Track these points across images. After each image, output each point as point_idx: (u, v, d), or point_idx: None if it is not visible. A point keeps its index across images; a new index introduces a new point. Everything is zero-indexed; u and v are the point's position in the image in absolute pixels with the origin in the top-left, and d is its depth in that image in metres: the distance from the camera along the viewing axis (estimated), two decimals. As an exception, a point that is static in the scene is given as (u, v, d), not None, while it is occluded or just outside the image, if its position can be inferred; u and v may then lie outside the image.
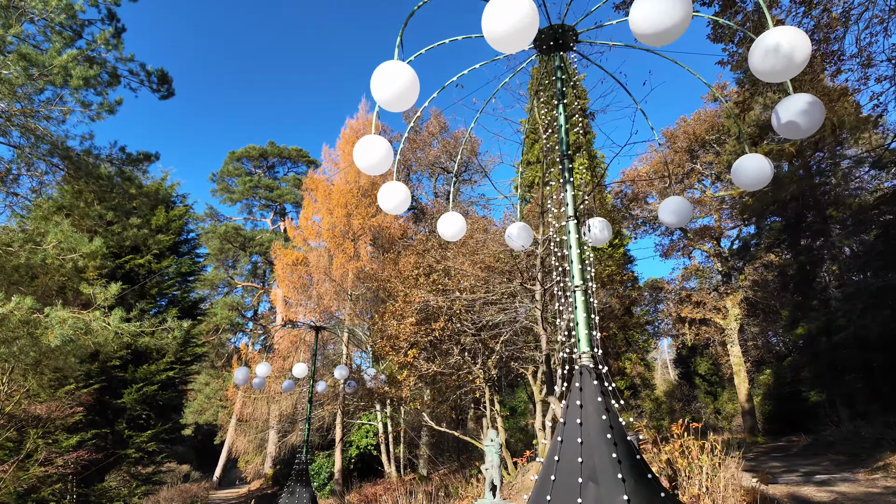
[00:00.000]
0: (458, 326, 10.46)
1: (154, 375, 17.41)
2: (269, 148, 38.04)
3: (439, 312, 10.30)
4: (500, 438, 7.57)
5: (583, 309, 4.05)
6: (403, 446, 23.11)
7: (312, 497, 11.89)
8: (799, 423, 23.34)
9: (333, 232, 18.18)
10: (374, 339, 12.30)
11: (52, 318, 5.66)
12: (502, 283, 9.31)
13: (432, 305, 10.22)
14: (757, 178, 4.47)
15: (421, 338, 10.30)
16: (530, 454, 10.45)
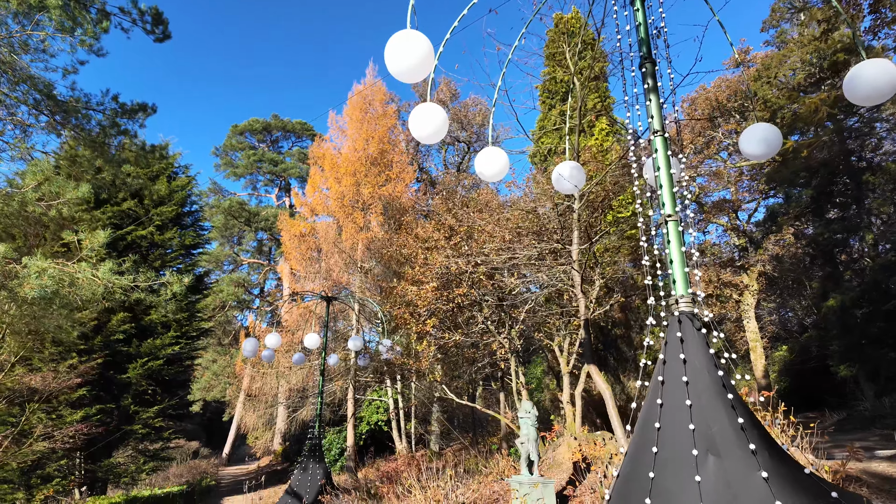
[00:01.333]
0: (482, 293, 9.70)
1: (159, 350, 16.85)
2: (272, 121, 37.00)
3: (461, 278, 9.56)
4: (535, 410, 6.86)
5: (677, 243, 3.26)
6: (415, 422, 22.68)
7: (326, 473, 11.33)
8: (819, 399, 22.68)
9: (342, 201, 17.37)
10: (390, 309, 11.59)
11: (30, 269, 4.96)
12: (530, 244, 8.53)
13: (453, 271, 9.47)
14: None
15: (442, 305, 9.57)
16: (559, 428, 9.79)
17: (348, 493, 10.80)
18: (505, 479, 9.48)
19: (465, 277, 9.53)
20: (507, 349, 9.90)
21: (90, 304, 6.32)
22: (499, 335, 9.82)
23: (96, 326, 15.81)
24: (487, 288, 10.17)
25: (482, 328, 9.91)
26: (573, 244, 7.36)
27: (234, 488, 21.51)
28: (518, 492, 6.18)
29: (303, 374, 18.00)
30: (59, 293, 5.21)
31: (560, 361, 10.63)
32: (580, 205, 7.37)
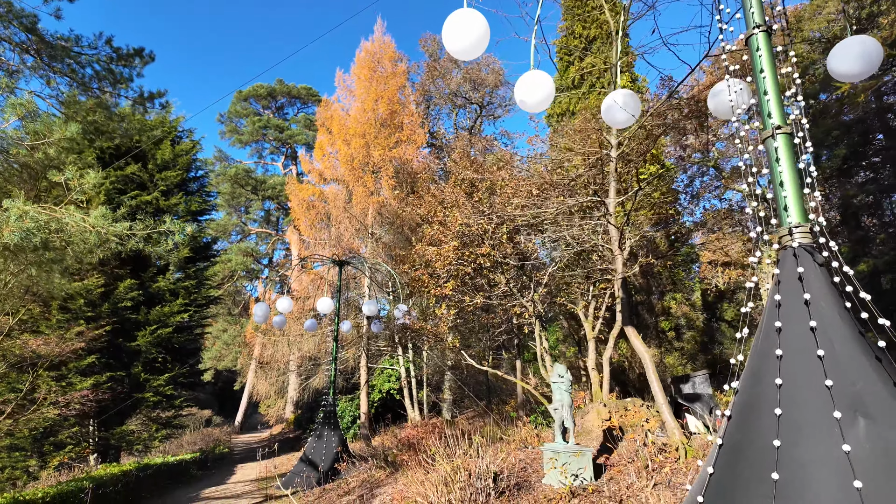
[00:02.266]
0: (503, 254, 9.12)
1: (168, 318, 16.54)
2: (277, 86, 35.97)
3: (482, 238, 8.97)
4: (569, 375, 6.35)
5: (790, 160, 2.63)
6: (427, 390, 22.51)
7: (342, 440, 11.02)
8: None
9: (352, 164, 16.68)
10: (408, 269, 11.06)
11: (10, 212, 4.43)
12: (559, 200, 7.89)
13: (474, 230, 8.87)
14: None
15: (463, 266, 9.00)
16: (585, 395, 9.35)
17: (365, 460, 10.49)
18: (529, 446, 9.08)
19: (486, 237, 8.93)
20: (531, 312, 9.37)
21: (84, 255, 5.79)
22: (522, 297, 9.27)
23: (103, 293, 15.48)
24: (507, 250, 9.58)
25: (505, 290, 9.35)
26: (610, 196, 6.72)
27: (248, 456, 21.55)
28: (556, 460, 5.71)
29: (315, 341, 17.68)
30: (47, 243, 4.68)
31: (585, 326, 10.11)
32: (618, 153, 6.70)
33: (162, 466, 12.46)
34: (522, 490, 5.79)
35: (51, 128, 5.81)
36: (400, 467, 8.94)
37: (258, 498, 9.71)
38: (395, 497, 6.78)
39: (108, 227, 5.18)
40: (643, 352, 6.55)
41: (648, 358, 6.50)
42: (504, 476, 5.86)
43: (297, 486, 9.92)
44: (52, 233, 4.77)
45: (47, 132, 5.80)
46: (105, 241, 5.19)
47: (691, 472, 5.23)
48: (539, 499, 5.35)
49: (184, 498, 10.45)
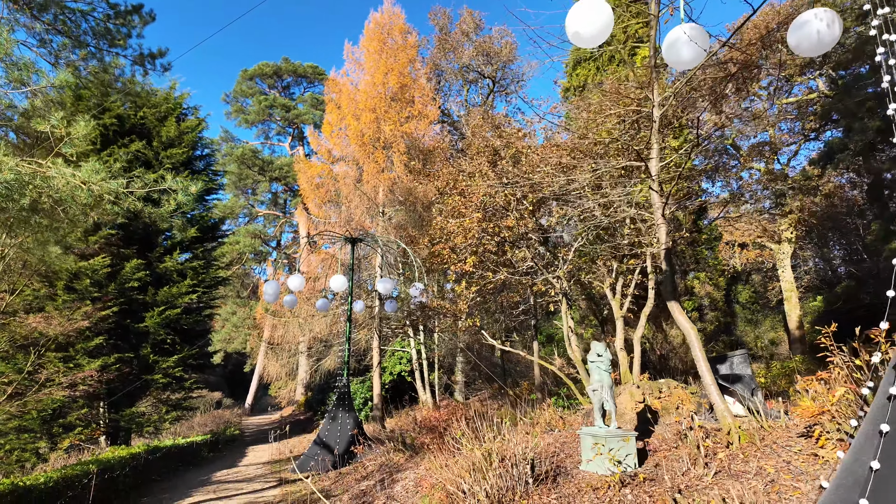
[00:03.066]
0: (527, 228, 8.55)
1: (176, 298, 16.18)
2: (283, 65, 35.18)
3: (507, 209, 8.40)
4: (608, 353, 5.83)
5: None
6: (438, 372, 22.19)
7: (356, 422, 10.62)
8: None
9: (362, 140, 16.07)
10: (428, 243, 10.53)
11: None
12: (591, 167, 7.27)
13: (498, 201, 8.30)
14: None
15: (486, 240, 8.44)
16: (614, 376, 8.85)
17: (381, 443, 10.10)
18: (554, 430, 8.62)
19: (511, 209, 8.36)
20: (558, 289, 8.83)
21: (77, 218, 5.30)
22: (548, 273, 8.72)
23: (109, 274, 15.12)
24: (530, 225, 9.01)
25: (529, 266, 8.79)
26: (652, 159, 6.12)
27: (259, 437, 21.39)
28: (603, 446, 5.22)
29: (326, 322, 17.28)
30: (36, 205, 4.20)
31: (612, 305, 9.56)
32: (660, 112, 6.08)
33: (172, 449, 12.17)
34: (560, 477, 5.32)
35: (35, 72, 5.27)
36: (419, 451, 8.52)
37: (271, 481, 9.36)
38: (420, 483, 6.35)
39: (101, 183, 4.68)
40: (689, 329, 6.01)
41: (695, 335, 5.95)
42: (540, 462, 5.39)
43: (312, 469, 9.57)
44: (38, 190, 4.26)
45: (29, 78, 5.26)
46: (98, 200, 4.70)
47: (751, 460, 4.72)
48: (582, 487, 4.88)
49: (195, 481, 10.14)
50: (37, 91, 5.40)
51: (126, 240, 16.71)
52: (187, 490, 8.88)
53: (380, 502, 6.09)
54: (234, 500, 7.69)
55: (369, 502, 6.20)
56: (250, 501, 7.45)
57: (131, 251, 16.19)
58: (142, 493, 8.97)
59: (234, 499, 7.75)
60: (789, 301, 27.04)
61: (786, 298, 27.66)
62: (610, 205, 7.80)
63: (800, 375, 9.15)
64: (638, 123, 7.31)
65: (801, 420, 5.64)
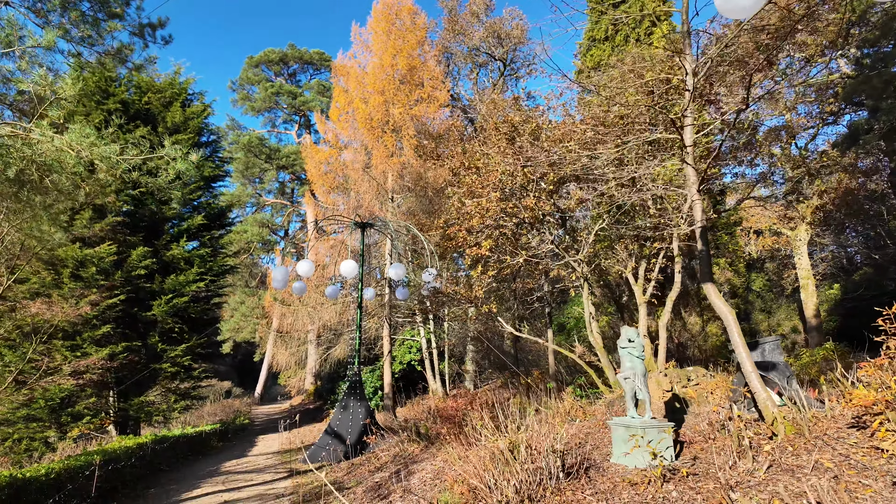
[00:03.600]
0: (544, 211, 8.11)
1: (183, 287, 15.91)
2: (289, 51, 34.69)
3: (526, 188, 7.96)
4: (641, 339, 5.43)
5: None
6: (448, 361, 21.92)
7: (369, 411, 10.32)
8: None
9: (371, 123, 15.64)
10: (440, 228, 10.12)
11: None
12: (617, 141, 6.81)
13: (518, 181, 7.85)
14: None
15: (504, 220, 7.99)
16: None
17: (394, 432, 9.80)
18: (574, 420, 8.26)
19: (530, 188, 7.92)
20: (580, 274, 8.41)
21: (68, 189, 4.94)
22: (569, 258, 8.28)
23: (116, 262, 14.88)
24: (546, 208, 8.56)
25: (549, 249, 8.36)
26: (686, 128, 5.66)
27: (268, 426, 21.25)
28: (642, 437, 4.84)
29: (335, 310, 16.99)
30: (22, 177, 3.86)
31: (634, 290, 9.14)
32: (694, 81, 5.60)
33: (180, 438, 11.95)
34: (591, 471, 4.95)
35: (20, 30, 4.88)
36: (434, 441, 8.19)
37: (282, 472, 9.09)
38: (439, 475, 6.02)
39: (91, 149, 4.31)
40: (727, 312, 5.58)
41: (733, 319, 5.54)
42: (569, 454, 5.02)
43: (323, 459, 9.28)
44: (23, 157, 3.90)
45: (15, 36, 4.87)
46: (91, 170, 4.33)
47: (802, 453, 4.32)
48: (618, 482, 4.51)
49: (203, 471, 9.89)
50: (24, 52, 5.01)
51: (132, 227, 16.45)
52: (195, 481, 8.63)
53: (396, 496, 5.76)
54: (243, 491, 7.41)
55: (385, 496, 5.87)
56: (260, 494, 7.17)
57: (137, 238, 15.93)
58: (149, 483, 8.73)
59: (243, 490, 7.47)
60: (805, 289, 26.40)
61: (802, 286, 27.02)
62: (635, 182, 7.35)
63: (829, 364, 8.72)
64: (667, 94, 6.83)
65: (848, 410, 5.23)
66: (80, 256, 14.23)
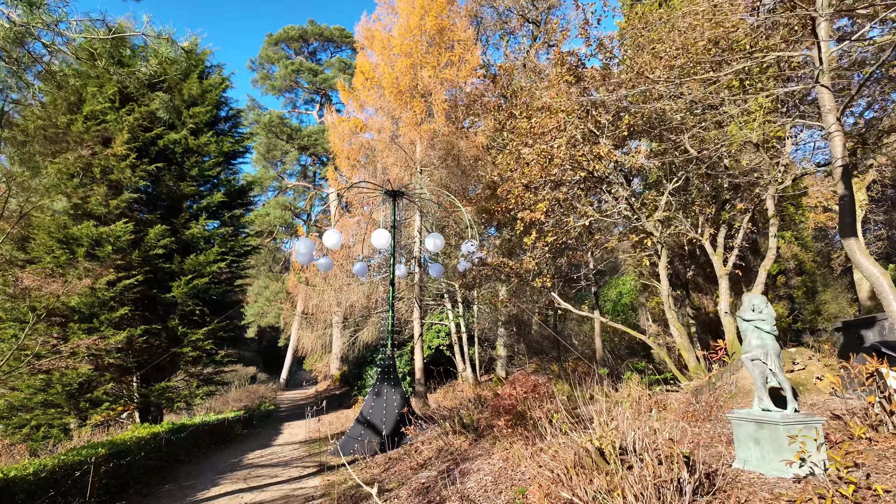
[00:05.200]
0: (615, 158, 6.80)
1: (203, 267, 15.07)
2: (309, 28, 33.55)
3: (597, 134, 6.67)
4: (770, 308, 4.17)
5: None
6: (479, 347, 20.87)
7: (404, 399, 9.26)
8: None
9: (398, 88, 14.43)
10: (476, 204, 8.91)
11: None
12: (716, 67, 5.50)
13: (585, 126, 6.55)
14: None
15: (570, 174, 6.70)
16: (718, 344, 7.19)
17: (432, 422, 8.73)
18: (650, 411, 7.04)
19: (602, 133, 6.59)
20: (657, 239, 7.14)
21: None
22: (645, 220, 7.00)
23: (133, 241, 14.08)
24: (616, 159, 7.24)
25: (617, 211, 7.06)
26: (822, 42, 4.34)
27: (294, 413, 20.55)
28: (784, 437, 3.62)
29: (362, 290, 15.98)
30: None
31: (713, 261, 7.82)
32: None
33: (201, 427, 11.13)
34: (716, 479, 3.76)
35: None
36: (484, 434, 7.08)
37: (309, 466, 8.12)
38: (500, 479, 4.90)
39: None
40: (878, 275, 4.30)
41: (887, 284, 4.24)
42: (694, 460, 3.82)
43: (356, 452, 8.28)
44: None
45: None
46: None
47: None
48: (767, 499, 3.32)
49: (225, 463, 9.01)
50: None
51: (149, 204, 15.66)
52: (215, 476, 7.71)
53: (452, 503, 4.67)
54: (267, 491, 6.44)
55: (437, 502, 4.79)
56: (286, 495, 6.17)
57: (155, 216, 15.12)
58: (165, 477, 7.86)
59: (267, 490, 6.49)
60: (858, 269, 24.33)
61: (855, 266, 24.95)
62: (721, 128, 6.01)
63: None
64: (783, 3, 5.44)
65: None
66: (96, 235, 13.46)
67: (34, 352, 11.44)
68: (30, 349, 12.02)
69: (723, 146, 6.40)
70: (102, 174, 14.17)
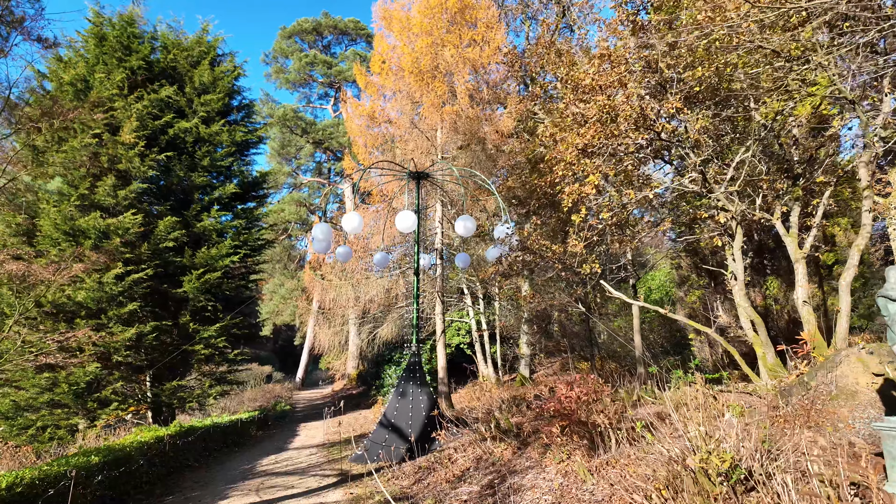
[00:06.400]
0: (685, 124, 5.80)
1: (216, 261, 14.36)
2: (323, 20, 32.89)
3: (665, 89, 5.70)
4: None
5: None
6: (500, 345, 19.97)
7: (432, 399, 8.38)
8: None
9: (418, 67, 13.57)
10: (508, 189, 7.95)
11: None
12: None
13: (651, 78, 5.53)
14: None
15: (631, 137, 5.67)
16: (802, 338, 6.19)
17: (464, 425, 7.83)
18: (726, 415, 6.08)
19: (671, 87, 5.59)
20: (734, 213, 6.15)
21: None
22: (719, 191, 5.99)
23: (142, 234, 13.42)
24: (672, 130, 6.24)
25: (688, 182, 6.03)
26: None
27: (310, 413, 19.83)
28: None
29: (381, 284, 15.14)
30: None
31: (786, 243, 6.81)
32: None
33: (211, 429, 10.37)
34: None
35: None
36: (529, 441, 6.16)
37: (329, 475, 7.29)
38: (564, 498, 3.99)
39: None
40: None
41: None
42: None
43: (381, 459, 7.42)
44: None
45: None
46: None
47: None
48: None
49: (236, 470, 8.22)
50: None
51: (159, 196, 15.01)
52: (224, 487, 6.91)
53: (507, 532, 3.77)
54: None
55: (488, 529, 3.88)
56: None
57: (165, 208, 14.46)
58: (169, 486, 7.08)
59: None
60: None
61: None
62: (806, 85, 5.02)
63: None
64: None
65: None
66: (102, 226, 12.81)
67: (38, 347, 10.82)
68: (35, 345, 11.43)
69: (803, 106, 5.41)
70: (110, 163, 13.53)
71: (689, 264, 14.59)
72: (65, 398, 12.19)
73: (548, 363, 21.18)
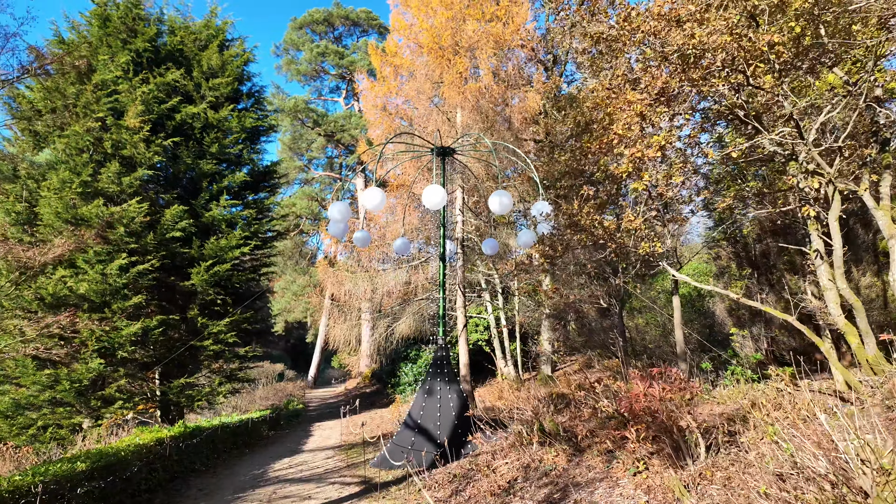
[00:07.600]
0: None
1: (225, 252, 13.60)
2: (334, 10, 32.14)
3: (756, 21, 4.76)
4: None
5: None
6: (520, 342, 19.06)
7: (461, 398, 7.49)
8: None
9: (438, 43, 12.70)
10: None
11: None
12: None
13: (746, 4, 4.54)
14: None
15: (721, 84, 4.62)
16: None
17: (502, 427, 6.95)
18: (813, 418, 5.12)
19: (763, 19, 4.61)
20: (832, 176, 5.19)
21: None
22: (813, 149, 5.04)
23: (148, 224, 12.69)
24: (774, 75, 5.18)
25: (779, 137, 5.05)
26: None
27: (324, 412, 19.08)
28: None
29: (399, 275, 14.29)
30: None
31: (877, 216, 5.84)
32: None
33: (219, 430, 9.58)
34: None
35: None
36: (585, 447, 5.26)
37: (349, 482, 6.45)
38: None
39: None
40: None
41: None
42: None
43: (408, 465, 6.56)
44: None
45: None
46: None
47: None
48: None
49: (246, 476, 7.41)
50: None
51: (165, 184, 14.29)
52: (233, 495, 6.09)
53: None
54: (297, 522, 4.76)
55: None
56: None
57: (171, 196, 13.74)
58: (171, 495, 6.28)
59: (297, 520, 4.82)
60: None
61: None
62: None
63: None
64: None
65: None
66: (106, 215, 12.10)
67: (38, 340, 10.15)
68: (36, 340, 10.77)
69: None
70: (114, 149, 12.81)
71: (730, 253, 13.56)
72: (67, 396, 11.49)
73: (568, 361, 20.27)
